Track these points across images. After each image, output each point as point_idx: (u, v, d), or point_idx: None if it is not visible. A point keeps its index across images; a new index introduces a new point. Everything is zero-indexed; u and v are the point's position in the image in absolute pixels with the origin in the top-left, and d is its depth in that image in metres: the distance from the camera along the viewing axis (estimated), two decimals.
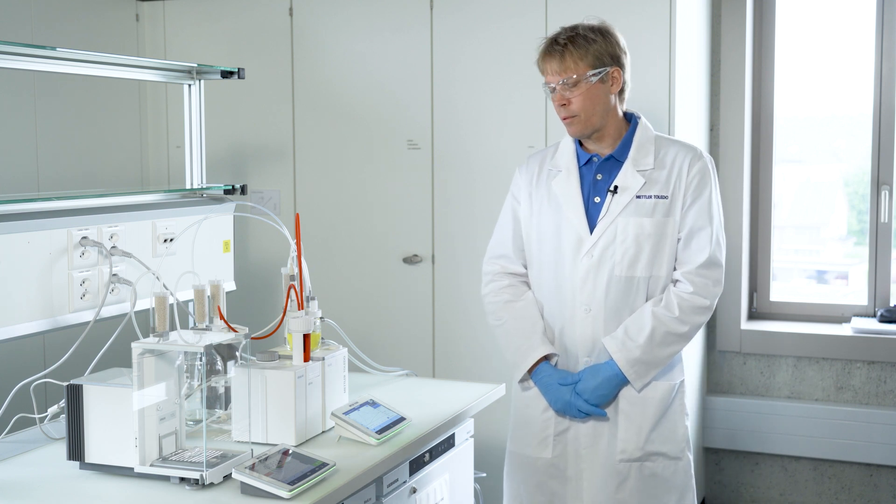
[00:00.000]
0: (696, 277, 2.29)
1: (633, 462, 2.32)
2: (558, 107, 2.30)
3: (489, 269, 2.50)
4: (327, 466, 1.87)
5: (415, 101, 3.67)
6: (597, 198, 2.34)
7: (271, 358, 2.12)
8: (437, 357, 3.70)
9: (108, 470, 1.90)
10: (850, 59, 3.99)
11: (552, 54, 2.29)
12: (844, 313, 3.98)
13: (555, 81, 2.28)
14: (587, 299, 2.32)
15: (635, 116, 2.39)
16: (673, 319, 2.28)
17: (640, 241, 2.29)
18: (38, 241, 2.16)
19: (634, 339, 2.28)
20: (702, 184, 2.31)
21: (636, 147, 2.34)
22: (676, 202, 2.30)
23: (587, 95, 2.28)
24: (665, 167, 2.32)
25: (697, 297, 2.28)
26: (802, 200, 4.28)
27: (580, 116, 2.29)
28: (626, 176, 2.32)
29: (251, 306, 3.62)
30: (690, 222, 2.30)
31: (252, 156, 3.97)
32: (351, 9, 3.75)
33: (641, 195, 2.30)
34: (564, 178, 2.37)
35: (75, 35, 3.79)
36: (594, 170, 2.36)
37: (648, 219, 2.29)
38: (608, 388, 2.31)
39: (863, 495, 3.86)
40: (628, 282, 2.30)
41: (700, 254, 2.29)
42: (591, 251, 2.30)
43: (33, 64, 2.32)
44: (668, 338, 2.28)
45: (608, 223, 2.30)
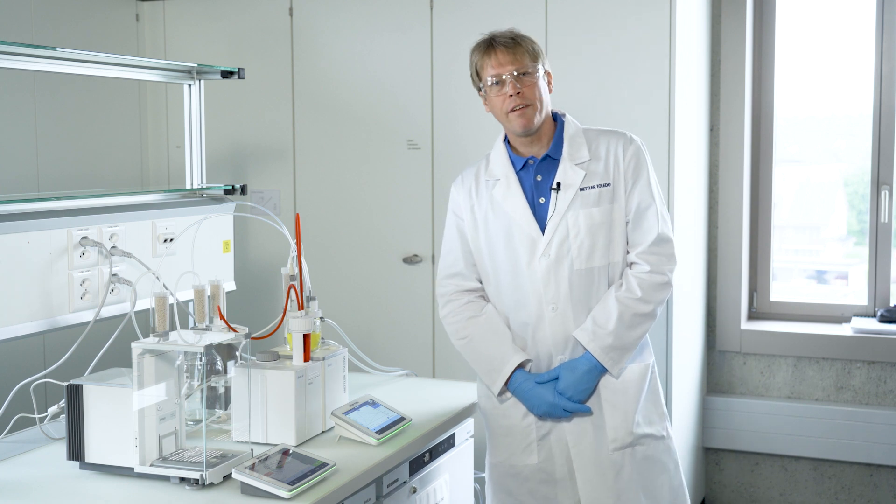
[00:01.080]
0: (650, 256, 2.33)
1: (626, 449, 2.34)
2: (507, 97, 2.31)
3: (444, 291, 2.48)
4: (327, 466, 1.87)
5: (415, 101, 3.67)
6: (541, 198, 2.36)
7: (271, 358, 2.12)
8: (437, 357, 3.70)
9: (108, 470, 1.90)
10: (850, 59, 3.99)
11: (506, 45, 2.32)
12: (844, 313, 3.98)
13: (507, 72, 2.30)
14: (552, 298, 2.33)
15: (560, 115, 2.43)
16: (636, 301, 2.31)
17: (592, 231, 2.32)
18: (38, 241, 2.16)
19: (604, 326, 2.31)
20: (638, 166, 2.36)
21: (568, 142, 2.37)
22: (619, 187, 2.34)
23: (536, 87, 2.32)
24: (601, 157, 2.36)
25: (655, 274, 2.32)
26: (802, 200, 4.28)
27: (533, 105, 2.31)
28: (566, 172, 2.35)
29: (251, 306, 3.62)
30: (635, 204, 2.34)
31: (252, 156, 3.97)
32: (351, 9, 3.75)
33: (584, 187, 2.33)
34: (504, 185, 2.39)
35: (75, 35, 3.79)
36: (532, 172, 2.38)
37: (596, 208, 2.32)
38: (588, 381, 2.32)
39: (863, 495, 3.86)
40: (588, 273, 2.33)
41: (650, 232, 2.33)
42: (546, 251, 2.32)
43: (33, 64, 2.32)
44: (636, 319, 2.31)
45: (558, 220, 2.32)
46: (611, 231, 2.33)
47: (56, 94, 3.71)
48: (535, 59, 2.33)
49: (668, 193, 3.31)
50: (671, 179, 3.33)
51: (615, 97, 3.41)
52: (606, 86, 3.41)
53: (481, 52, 2.35)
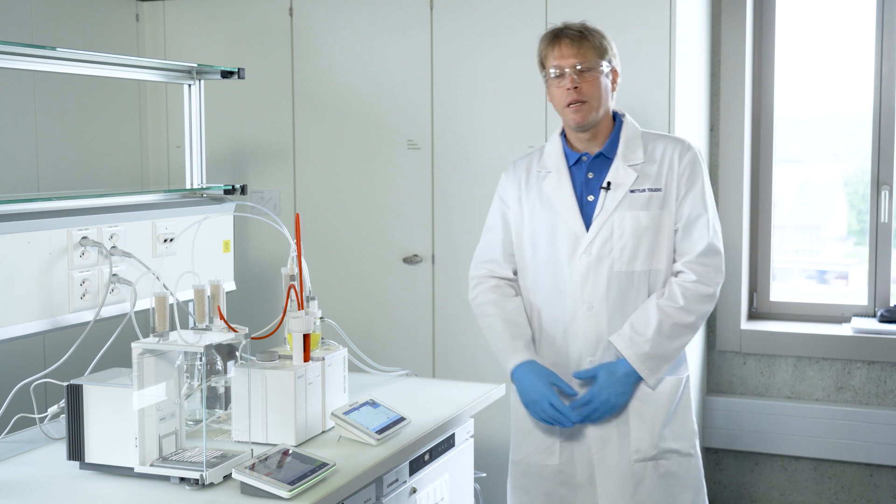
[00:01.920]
0: (698, 266, 2.28)
1: (648, 461, 2.30)
2: (565, 91, 2.28)
3: (476, 274, 2.48)
4: (327, 466, 1.87)
5: (415, 101, 3.67)
6: (590, 196, 2.33)
7: (271, 358, 2.12)
8: (437, 357, 3.70)
9: (108, 470, 1.90)
10: (850, 59, 3.99)
11: (570, 38, 2.30)
12: (844, 313, 3.98)
13: (568, 65, 2.28)
14: (588, 297, 2.30)
15: (620, 115, 2.40)
16: (678, 310, 2.26)
17: (637, 234, 2.28)
18: (38, 241, 2.16)
19: (642, 333, 2.26)
20: (693, 174, 2.32)
21: (624, 143, 2.34)
22: (670, 194, 2.31)
23: (597, 84, 2.29)
24: (655, 161, 2.33)
25: (701, 285, 2.27)
26: (802, 200, 4.28)
27: (590, 103, 2.29)
28: (617, 171, 2.32)
29: (251, 306, 3.61)
30: (686, 212, 2.30)
31: (252, 156, 3.97)
32: (351, 9, 3.75)
33: (635, 189, 2.30)
34: (555, 178, 2.36)
35: (75, 35, 3.79)
36: (585, 168, 2.36)
37: (644, 212, 2.29)
38: (626, 385, 2.28)
39: (863, 495, 3.86)
40: (628, 277, 2.29)
41: (700, 242, 2.29)
42: (588, 249, 2.30)
43: (33, 64, 2.32)
44: (676, 329, 2.27)
45: (604, 220, 2.29)
46: (656, 237, 2.29)
47: (56, 94, 3.71)
48: (601, 55, 2.30)
49: None
50: None
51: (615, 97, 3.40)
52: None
53: (547, 42, 2.33)
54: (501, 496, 3.46)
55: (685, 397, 2.37)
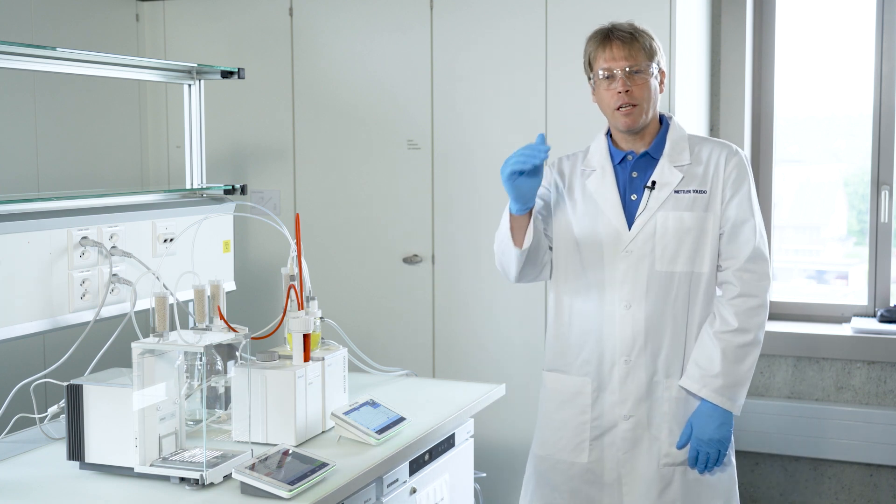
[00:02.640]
0: (744, 273, 2.25)
1: (676, 466, 2.29)
2: (616, 94, 2.26)
3: None
4: (327, 466, 1.87)
5: (415, 101, 3.67)
6: (633, 195, 2.31)
7: (271, 358, 2.12)
8: (437, 357, 3.70)
9: (108, 470, 1.90)
10: (850, 59, 3.99)
11: (621, 40, 2.27)
12: (844, 313, 3.98)
13: (619, 67, 2.25)
14: (627, 296, 2.28)
15: (666, 117, 2.39)
16: (734, 333, 2.23)
17: (679, 235, 2.26)
18: (38, 241, 2.16)
19: (709, 369, 2.24)
20: (740, 178, 2.29)
21: (671, 144, 2.32)
22: (716, 197, 2.28)
23: (647, 87, 2.28)
24: (702, 163, 2.30)
25: (748, 298, 2.24)
26: (802, 200, 4.28)
27: (641, 106, 2.27)
28: (663, 171, 2.29)
29: (251, 306, 3.61)
30: (733, 216, 2.27)
31: (252, 156, 3.97)
32: (351, 9, 3.75)
33: (680, 190, 2.28)
34: (599, 176, 2.34)
35: (75, 35, 3.79)
36: (629, 167, 2.33)
37: (688, 213, 2.26)
38: (716, 419, 2.25)
39: (863, 495, 3.86)
40: (668, 277, 2.27)
41: (746, 246, 2.26)
42: (629, 247, 2.27)
43: (33, 64, 2.32)
44: (740, 352, 2.24)
45: (647, 218, 2.27)
46: (699, 239, 2.26)
47: (56, 94, 3.71)
48: (651, 56, 2.28)
49: None
50: None
51: None
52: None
53: (596, 43, 2.30)
54: (501, 496, 3.46)
55: None
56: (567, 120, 3.39)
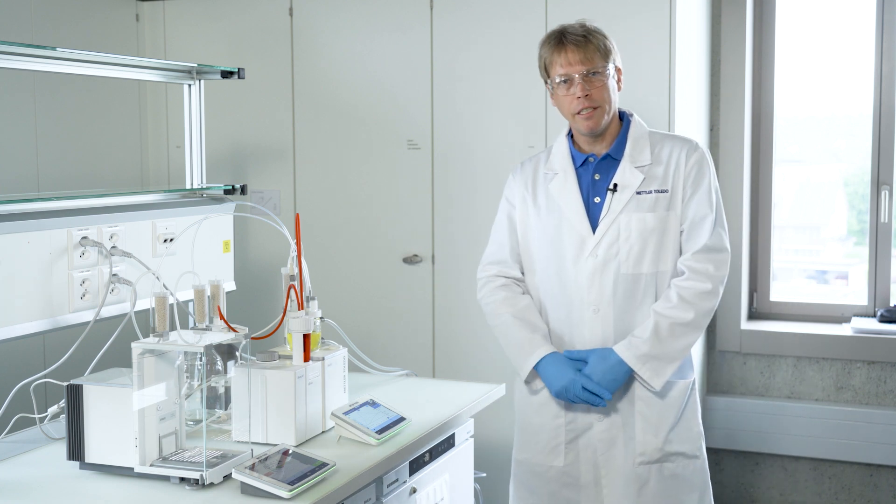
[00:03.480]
0: (695, 263, 2.27)
1: (652, 464, 2.30)
2: (575, 99, 2.25)
3: (484, 275, 2.47)
4: (327, 466, 1.87)
5: (415, 101, 3.67)
6: (597, 198, 2.32)
7: (271, 358, 2.12)
8: (437, 357, 3.70)
9: (108, 470, 1.90)
10: (850, 59, 3.99)
11: (575, 44, 2.25)
12: (844, 313, 3.98)
13: (577, 72, 2.25)
14: (595, 300, 2.29)
15: (627, 114, 2.39)
16: (673, 308, 2.25)
17: (644, 236, 2.27)
18: (38, 241, 2.16)
19: (639, 335, 2.26)
20: (700, 174, 2.30)
21: (632, 144, 2.33)
22: (677, 195, 2.29)
23: (606, 89, 2.27)
24: (662, 162, 2.31)
25: (696, 282, 2.25)
26: (802, 200, 4.28)
27: (601, 108, 2.27)
28: (624, 173, 2.30)
29: (251, 306, 3.61)
30: (692, 213, 2.29)
31: (252, 156, 3.97)
32: (351, 9, 3.75)
33: (641, 191, 2.29)
34: (562, 179, 2.35)
35: (75, 35, 3.79)
36: (591, 170, 2.34)
37: (651, 214, 2.27)
38: (616, 373, 2.25)
39: (863, 495, 3.86)
40: (635, 279, 2.28)
41: (699, 240, 2.28)
42: (595, 251, 2.29)
43: (33, 64, 2.32)
44: (676, 329, 2.24)
45: (610, 221, 2.28)
46: (663, 238, 2.28)
47: (56, 94, 3.71)
48: (606, 56, 2.27)
49: None
50: None
51: None
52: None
53: (551, 48, 2.29)
54: (501, 496, 3.46)
55: (692, 400, 2.37)
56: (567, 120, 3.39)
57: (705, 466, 2.38)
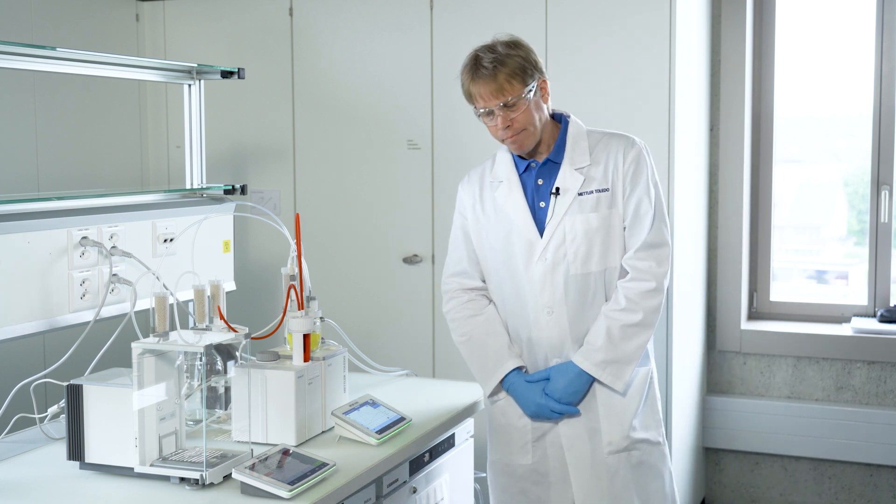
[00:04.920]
0: (637, 261, 2.30)
1: (621, 453, 2.33)
2: (500, 129, 2.28)
3: (447, 288, 2.50)
4: (327, 466, 1.87)
5: (415, 101, 3.67)
6: (542, 202, 2.36)
7: (271, 358, 2.12)
8: (437, 357, 3.70)
9: (108, 470, 1.90)
10: (850, 59, 3.99)
11: (485, 78, 2.22)
12: (844, 313, 3.98)
13: (493, 105, 2.24)
14: (548, 301, 2.33)
15: (564, 116, 2.40)
16: (622, 312, 2.28)
17: (589, 236, 2.30)
18: (38, 241, 2.16)
19: (593, 343, 2.30)
20: (638, 171, 2.32)
21: (570, 146, 2.35)
22: (617, 193, 2.32)
23: (528, 112, 2.26)
24: (601, 161, 2.34)
25: (639, 282, 2.29)
26: (802, 200, 4.28)
27: (527, 130, 2.28)
28: (565, 176, 2.33)
29: (251, 306, 3.61)
30: (632, 209, 2.31)
31: (252, 156, 3.97)
32: (351, 9, 3.75)
33: (583, 192, 2.31)
34: (507, 188, 2.38)
35: (75, 35, 3.79)
36: (534, 175, 2.37)
37: (594, 214, 2.30)
38: (577, 385, 2.31)
39: (863, 495, 3.86)
40: (584, 278, 2.31)
41: (640, 236, 2.31)
42: (543, 254, 2.32)
43: (33, 64, 2.32)
44: (627, 331, 2.28)
45: (556, 224, 2.31)
46: (608, 236, 2.31)
47: (56, 94, 3.71)
48: (523, 81, 2.23)
49: (668, 193, 3.31)
50: (671, 179, 3.33)
51: (615, 97, 3.40)
52: (606, 86, 3.41)
53: (469, 78, 2.27)
54: None
55: (651, 388, 2.41)
56: None
57: (666, 451, 2.43)
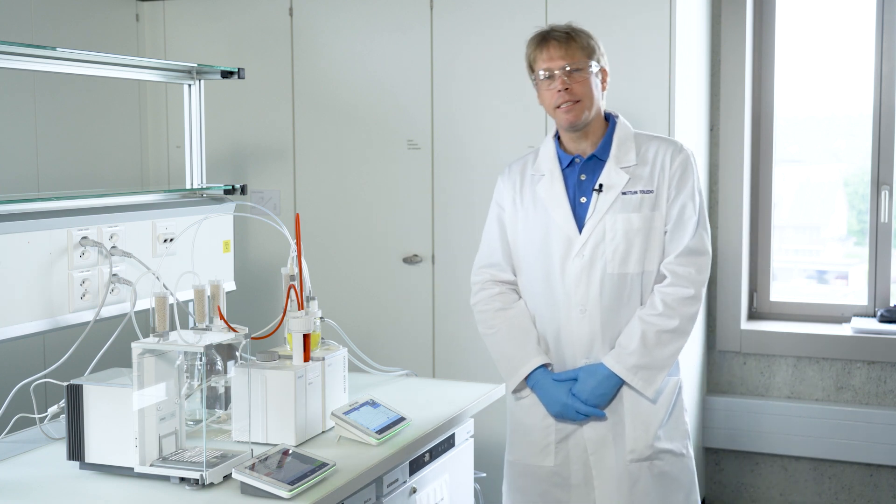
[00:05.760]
0: (677, 267, 2.29)
1: (643, 462, 2.31)
2: (556, 93, 2.29)
3: (478, 279, 2.48)
4: (327, 466, 1.87)
5: (415, 101, 3.67)
6: (583, 198, 2.34)
7: (271, 358, 2.12)
8: (437, 357, 3.70)
9: (108, 470, 1.90)
10: (850, 59, 3.99)
11: (557, 40, 2.30)
12: (844, 313, 3.98)
13: (557, 67, 2.28)
14: (581, 300, 2.31)
15: (613, 116, 2.40)
16: (658, 316, 2.27)
17: (629, 236, 2.29)
18: (38, 241, 2.16)
19: (627, 346, 2.27)
20: (684, 176, 2.32)
21: (617, 145, 2.35)
22: (661, 196, 2.31)
23: (587, 84, 2.30)
24: (648, 163, 2.33)
25: (679, 288, 2.27)
26: (802, 200, 4.28)
27: (582, 102, 2.29)
28: (609, 174, 2.32)
29: (251, 306, 3.61)
30: (675, 214, 2.31)
31: (252, 156, 3.97)
32: (351, 9, 3.75)
33: (627, 191, 2.30)
34: (549, 181, 2.37)
35: (75, 35, 3.79)
36: (577, 171, 2.36)
37: (636, 214, 2.29)
38: (606, 387, 2.29)
39: (863, 495, 3.86)
40: (621, 279, 2.29)
41: (682, 242, 2.30)
42: (581, 251, 2.30)
43: (33, 64, 2.32)
44: (662, 336, 2.27)
45: (596, 221, 2.30)
46: (648, 238, 2.29)
47: (56, 94, 3.71)
48: (590, 55, 2.30)
49: None
50: None
51: (615, 97, 3.39)
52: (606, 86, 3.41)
53: (535, 45, 2.33)
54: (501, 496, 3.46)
55: (679, 399, 2.38)
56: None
57: (692, 465, 2.40)
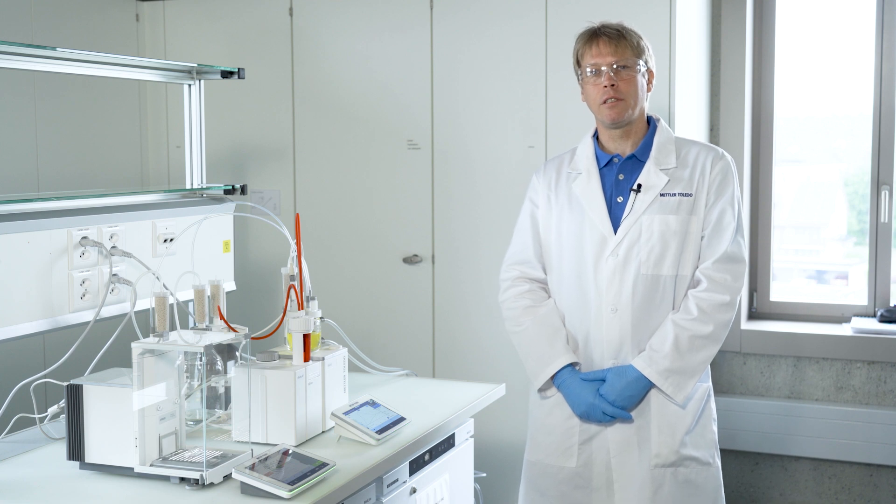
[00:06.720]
0: (714, 273, 2.27)
1: (667, 468, 2.29)
2: (602, 89, 2.28)
3: (508, 276, 2.46)
4: (327, 466, 1.87)
5: (415, 101, 3.67)
6: (619, 197, 2.32)
7: (271, 358, 2.12)
8: (437, 357, 3.70)
9: (108, 470, 1.90)
10: (850, 59, 3.99)
11: (608, 36, 2.31)
12: (844, 313, 3.98)
13: (605, 63, 2.28)
14: (613, 299, 2.29)
15: (654, 119, 2.39)
16: (693, 321, 2.24)
17: (665, 238, 2.27)
18: (38, 241, 2.16)
19: (659, 350, 2.25)
20: (724, 182, 2.31)
21: (657, 147, 2.33)
22: (700, 200, 2.29)
23: (633, 83, 2.30)
24: (688, 166, 2.32)
25: (715, 294, 2.25)
26: (802, 200, 4.27)
27: (626, 100, 2.29)
28: (649, 174, 2.30)
29: (251, 306, 3.61)
30: (714, 220, 2.29)
31: (252, 156, 3.97)
32: (351, 9, 3.75)
33: (665, 193, 2.29)
34: (585, 179, 2.35)
35: (75, 35, 3.79)
36: (616, 170, 2.34)
37: (673, 216, 2.27)
38: (635, 389, 2.26)
39: (863, 495, 3.86)
40: (654, 280, 2.27)
41: (719, 248, 2.28)
42: (615, 250, 2.28)
43: (33, 64, 2.32)
44: (696, 342, 2.24)
45: (632, 222, 2.28)
46: (684, 242, 2.28)
47: (56, 94, 3.71)
48: (638, 54, 2.31)
49: None
50: None
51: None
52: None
53: (584, 41, 2.34)
54: (501, 496, 3.46)
55: (708, 406, 2.35)
56: (567, 120, 3.39)
57: (719, 475, 2.37)
